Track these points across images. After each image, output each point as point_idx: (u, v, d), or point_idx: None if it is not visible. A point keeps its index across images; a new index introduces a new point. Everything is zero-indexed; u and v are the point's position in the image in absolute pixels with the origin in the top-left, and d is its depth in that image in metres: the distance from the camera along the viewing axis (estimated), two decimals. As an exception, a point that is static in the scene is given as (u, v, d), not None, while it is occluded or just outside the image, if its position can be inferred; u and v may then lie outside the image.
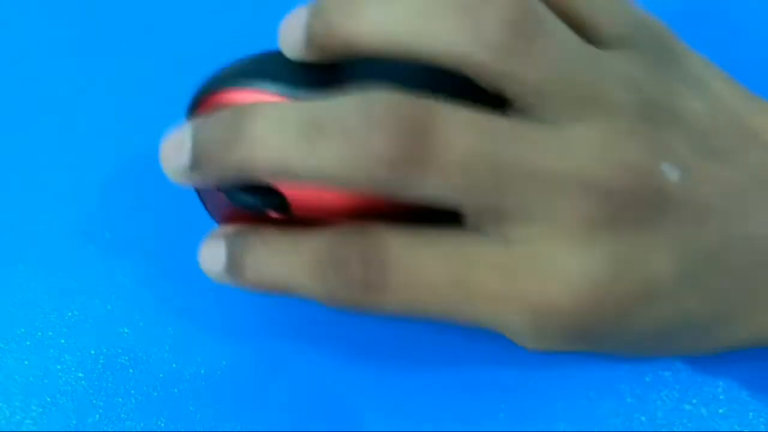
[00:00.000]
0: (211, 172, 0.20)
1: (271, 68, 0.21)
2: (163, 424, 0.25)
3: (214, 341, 0.26)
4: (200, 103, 0.22)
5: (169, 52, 0.30)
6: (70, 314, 0.26)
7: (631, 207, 0.19)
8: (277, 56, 0.22)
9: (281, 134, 0.19)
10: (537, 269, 0.19)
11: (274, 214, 0.21)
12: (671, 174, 0.20)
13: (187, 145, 0.20)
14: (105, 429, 0.25)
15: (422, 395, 0.25)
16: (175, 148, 0.21)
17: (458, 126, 0.19)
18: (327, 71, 0.21)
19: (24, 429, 0.25)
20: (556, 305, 0.19)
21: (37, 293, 0.27)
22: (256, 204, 0.21)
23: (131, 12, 0.31)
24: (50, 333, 0.26)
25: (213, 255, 0.22)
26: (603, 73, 0.20)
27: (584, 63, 0.20)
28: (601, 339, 0.20)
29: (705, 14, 0.30)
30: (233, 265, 0.22)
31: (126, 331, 0.26)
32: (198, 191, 0.23)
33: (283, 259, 0.21)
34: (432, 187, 0.19)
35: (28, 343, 0.26)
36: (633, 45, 0.21)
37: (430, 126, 0.18)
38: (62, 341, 0.26)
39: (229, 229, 0.23)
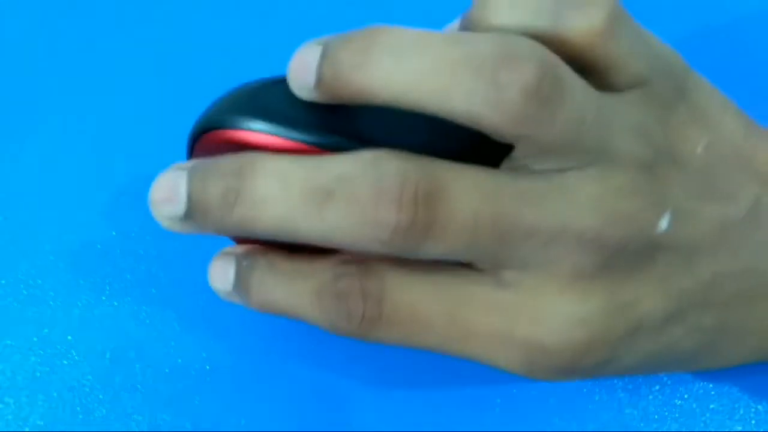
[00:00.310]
0: (207, 226, 0.20)
1: (271, 104, 0.21)
2: (169, 419, 0.25)
3: (219, 337, 0.26)
4: (197, 142, 0.22)
5: (178, 54, 0.30)
6: (76, 311, 0.26)
7: (623, 257, 0.20)
8: (278, 88, 0.21)
9: (286, 197, 0.19)
10: (530, 313, 0.20)
11: None
12: (665, 223, 0.20)
13: (182, 196, 0.20)
14: (111, 424, 0.25)
15: (420, 392, 0.25)
16: (168, 195, 0.20)
17: (464, 191, 0.19)
18: (327, 109, 0.21)
19: (31, 424, 0.25)
20: (547, 348, 0.20)
21: (43, 290, 0.27)
22: None
23: (137, 15, 0.31)
24: (57, 330, 0.26)
25: (222, 273, 0.22)
26: (613, 125, 0.20)
27: (596, 119, 0.19)
28: (589, 373, 0.21)
29: (711, 31, 0.30)
30: (240, 286, 0.22)
31: (132, 327, 0.26)
32: None
33: (288, 286, 0.21)
34: (436, 249, 0.19)
35: (35, 339, 0.26)
36: (646, 83, 0.21)
37: (437, 195, 0.19)
38: (69, 337, 0.26)
39: (239, 249, 0.23)
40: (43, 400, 0.25)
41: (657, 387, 0.25)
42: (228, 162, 0.20)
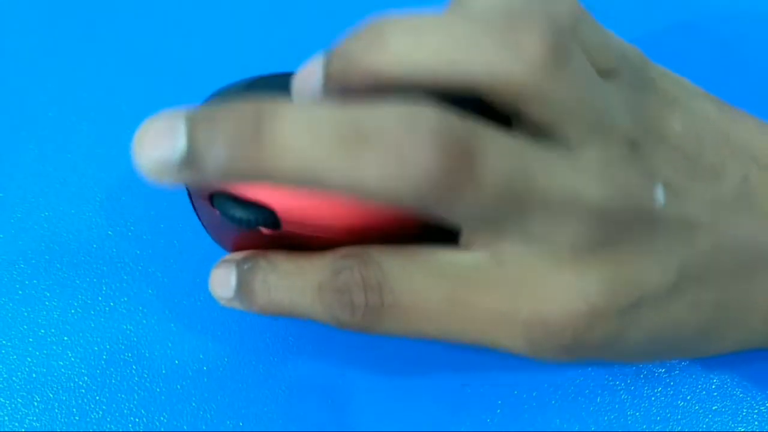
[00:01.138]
0: (208, 171, 0.18)
1: (271, 93, 0.21)
2: (165, 420, 0.25)
3: (216, 338, 0.26)
4: None
5: (177, 53, 0.30)
6: (72, 311, 0.26)
7: (623, 230, 0.20)
8: (279, 81, 0.21)
9: (315, 140, 0.18)
10: (530, 290, 0.20)
11: (265, 231, 0.21)
12: (660, 196, 0.21)
13: (180, 137, 0.18)
14: (108, 425, 0.25)
15: (420, 393, 0.25)
16: (161, 138, 0.18)
17: (499, 152, 0.19)
18: None
19: (27, 425, 0.25)
20: (549, 324, 0.20)
21: (39, 290, 0.27)
22: (247, 219, 0.21)
23: (137, 14, 0.31)
24: (53, 330, 0.26)
25: (223, 281, 0.22)
26: (607, 100, 0.20)
27: (598, 89, 0.20)
28: (594, 351, 0.21)
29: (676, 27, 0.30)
30: (242, 290, 0.22)
31: (129, 328, 0.26)
32: (201, 219, 0.23)
33: (290, 285, 0.22)
34: (464, 206, 0.18)
35: (31, 339, 0.26)
36: (617, 75, 0.21)
37: (475, 149, 0.18)
38: (65, 338, 0.26)
39: (239, 255, 0.23)
40: (39, 400, 0.25)
41: (659, 388, 0.25)
42: (242, 104, 0.18)
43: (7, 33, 0.31)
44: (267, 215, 0.21)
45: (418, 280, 0.20)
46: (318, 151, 0.18)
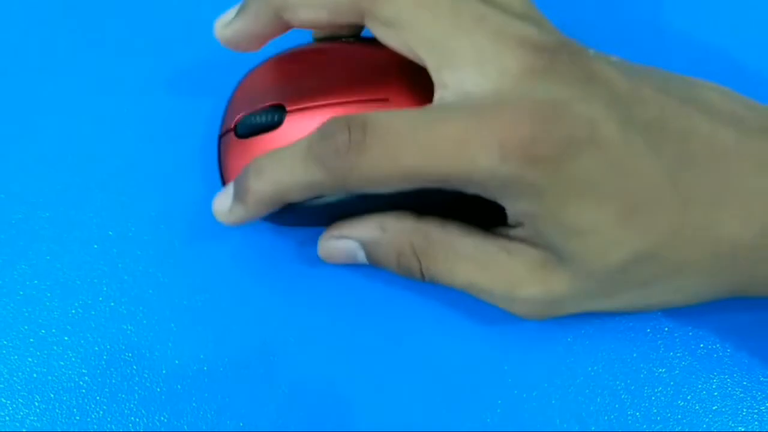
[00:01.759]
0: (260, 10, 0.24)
1: None
2: (165, 420, 0.25)
3: (216, 338, 0.26)
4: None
5: (178, 54, 0.30)
6: (73, 311, 0.26)
7: (562, 65, 0.22)
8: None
9: None
10: (493, 105, 0.22)
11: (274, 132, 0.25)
12: (595, 55, 0.23)
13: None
14: (108, 425, 0.25)
15: (421, 395, 0.25)
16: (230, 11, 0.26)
17: None
18: None
19: (28, 424, 0.25)
20: (513, 122, 0.22)
21: (40, 291, 0.27)
22: (266, 118, 0.25)
23: (137, 14, 0.31)
24: (54, 330, 0.26)
25: (222, 197, 0.25)
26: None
27: None
28: (554, 160, 0.21)
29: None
30: (239, 192, 0.24)
31: (129, 328, 0.26)
32: (224, 164, 0.25)
33: (281, 159, 0.23)
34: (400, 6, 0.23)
35: (31, 340, 0.26)
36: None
37: None
38: (66, 338, 0.26)
39: None
40: (40, 401, 0.25)
41: (659, 388, 0.25)
42: None
43: (8, 33, 0.31)
44: (277, 109, 0.25)
45: (399, 120, 0.22)
46: None
